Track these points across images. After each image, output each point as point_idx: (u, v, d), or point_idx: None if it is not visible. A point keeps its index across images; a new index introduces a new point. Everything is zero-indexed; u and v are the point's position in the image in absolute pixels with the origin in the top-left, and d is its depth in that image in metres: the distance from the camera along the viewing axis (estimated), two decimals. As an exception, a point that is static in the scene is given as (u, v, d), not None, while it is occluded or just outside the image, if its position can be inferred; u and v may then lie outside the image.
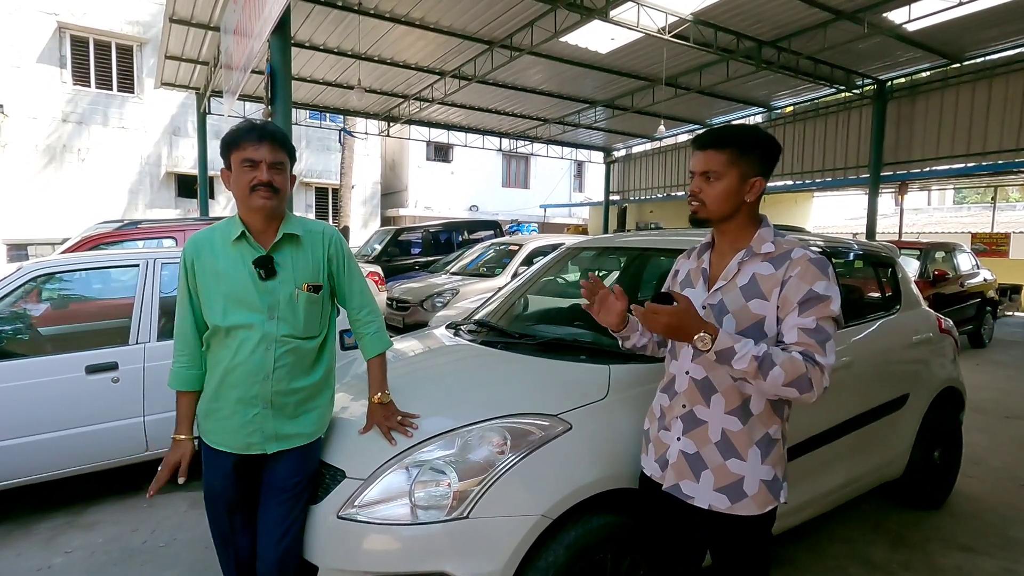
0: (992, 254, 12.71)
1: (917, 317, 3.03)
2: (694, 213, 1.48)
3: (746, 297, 1.42)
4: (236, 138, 1.59)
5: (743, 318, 1.41)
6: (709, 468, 1.44)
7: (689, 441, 1.47)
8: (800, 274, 1.37)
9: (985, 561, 2.59)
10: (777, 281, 1.39)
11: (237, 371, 1.62)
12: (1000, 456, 3.85)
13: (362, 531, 1.59)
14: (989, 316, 8.45)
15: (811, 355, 1.31)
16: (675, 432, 1.51)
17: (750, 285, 1.42)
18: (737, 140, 1.42)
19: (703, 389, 1.46)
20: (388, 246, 11.49)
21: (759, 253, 1.44)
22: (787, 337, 1.36)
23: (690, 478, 1.46)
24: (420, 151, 21.08)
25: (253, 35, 5.51)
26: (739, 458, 1.42)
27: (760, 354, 1.28)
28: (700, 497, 1.45)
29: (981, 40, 9.20)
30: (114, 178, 15.13)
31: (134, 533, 2.79)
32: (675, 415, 1.51)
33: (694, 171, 1.46)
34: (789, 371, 1.28)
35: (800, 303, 1.35)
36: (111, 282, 3.50)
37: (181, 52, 9.97)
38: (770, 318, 1.40)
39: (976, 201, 26.81)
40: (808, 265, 1.37)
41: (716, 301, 1.46)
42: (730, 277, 1.46)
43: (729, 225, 1.48)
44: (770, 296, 1.39)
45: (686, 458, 1.47)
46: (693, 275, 1.57)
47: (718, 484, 1.43)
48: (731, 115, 13.97)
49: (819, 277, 1.36)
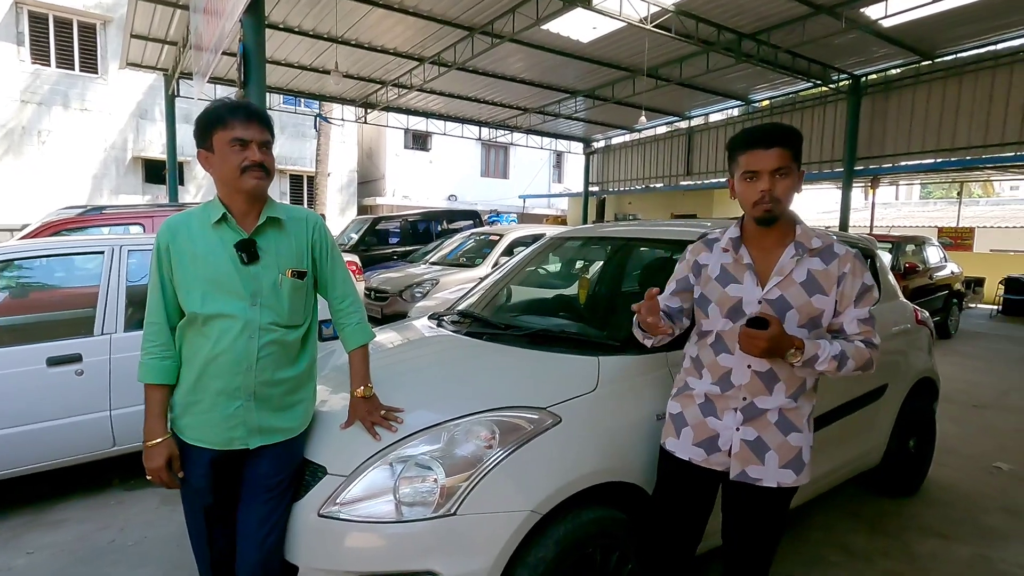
0: (958, 248, 13.09)
1: (896, 309, 3.08)
2: (768, 212, 1.49)
3: (808, 293, 1.50)
4: (221, 116, 1.49)
5: (805, 312, 1.50)
6: (772, 448, 1.53)
7: (750, 428, 1.54)
8: (852, 270, 1.51)
9: (959, 548, 2.65)
10: (833, 277, 1.50)
11: (218, 361, 1.53)
12: (970, 444, 3.96)
13: (344, 529, 1.53)
14: (956, 308, 8.71)
15: (869, 340, 1.51)
16: (732, 422, 1.55)
17: (809, 281, 1.50)
18: (793, 138, 1.49)
19: (767, 380, 1.52)
20: (366, 235, 11.29)
21: (811, 248, 1.52)
22: (848, 328, 1.52)
23: (756, 463, 1.53)
24: (398, 139, 20.76)
25: (224, 14, 5.28)
26: (797, 431, 1.54)
27: (837, 354, 1.45)
28: (768, 478, 1.53)
29: (952, 38, 9.40)
30: (77, 163, 14.54)
31: (102, 531, 2.68)
32: (733, 406, 1.55)
33: (760, 169, 1.47)
34: (859, 360, 1.47)
35: (856, 297, 1.51)
36: (74, 270, 3.33)
37: (148, 31, 9.58)
38: (828, 311, 1.51)
39: (941, 196, 27.66)
40: (856, 261, 1.52)
41: (775, 297, 1.51)
42: (786, 273, 1.51)
43: (782, 220, 1.53)
44: (829, 292, 1.50)
45: (748, 445, 1.54)
46: (734, 270, 1.57)
47: (783, 461, 1.53)
48: (710, 107, 14.09)
49: (865, 270, 1.53)
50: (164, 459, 1.55)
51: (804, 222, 1.57)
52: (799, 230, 1.54)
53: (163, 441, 1.56)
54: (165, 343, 1.58)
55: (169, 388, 1.59)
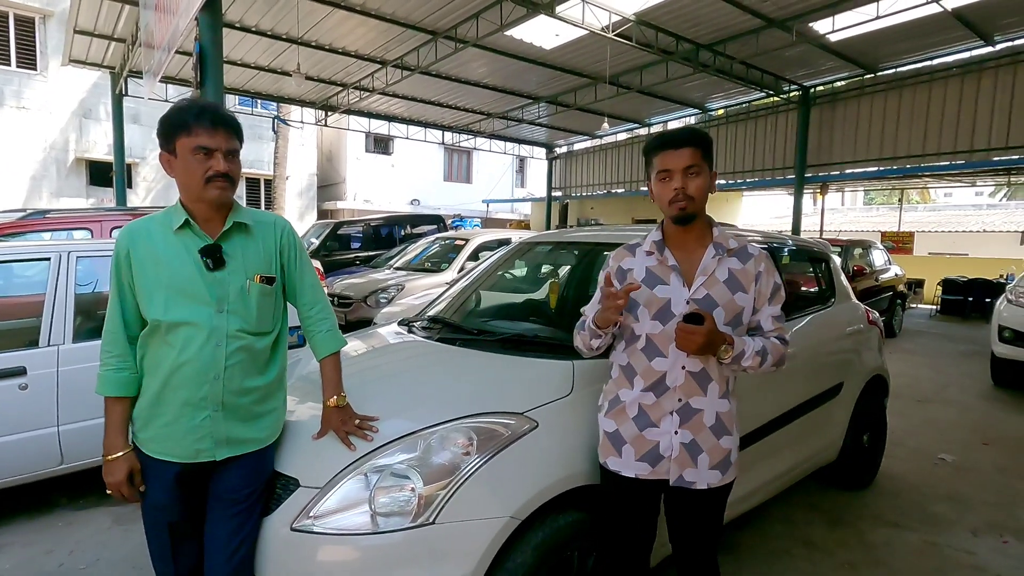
0: (899, 251, 13.83)
1: (849, 310, 3.22)
2: (684, 210, 1.51)
3: (731, 291, 1.55)
4: (185, 121, 1.43)
5: (731, 310, 1.55)
6: (704, 451, 1.56)
7: (686, 431, 1.56)
8: (767, 269, 1.60)
9: (910, 536, 2.79)
10: (751, 276, 1.57)
11: (183, 370, 1.47)
12: (916, 437, 4.18)
13: (318, 543, 1.49)
14: (900, 308, 9.19)
15: (783, 336, 1.60)
16: (669, 427, 1.56)
17: (731, 280, 1.56)
18: (703, 139, 1.55)
19: (700, 380, 1.55)
20: (327, 240, 11.03)
21: (729, 248, 1.57)
22: (764, 325, 1.60)
23: (690, 465, 1.56)
24: (359, 142, 20.43)
25: (178, 12, 5.09)
26: (728, 434, 1.58)
27: (760, 349, 1.53)
28: (700, 480, 1.56)
29: (893, 52, 9.96)
30: (13, 164, 13.68)
31: (48, 555, 2.52)
32: (668, 410, 1.56)
33: (672, 168, 1.51)
34: (776, 356, 1.56)
35: (771, 295, 1.59)
36: (15, 278, 3.13)
37: (93, 27, 9.14)
38: (747, 309, 1.58)
39: (883, 202, 29.13)
40: (768, 260, 1.61)
41: (702, 296, 1.54)
42: (710, 272, 1.56)
43: (699, 221, 1.57)
44: (749, 289, 1.57)
45: (685, 448, 1.55)
46: (660, 272, 1.58)
47: (712, 463, 1.56)
48: (669, 115, 14.46)
49: (775, 270, 1.62)
50: (124, 473, 1.49)
51: (718, 224, 1.63)
52: (716, 231, 1.59)
53: (124, 455, 1.50)
54: (122, 354, 1.51)
55: (130, 401, 1.53)
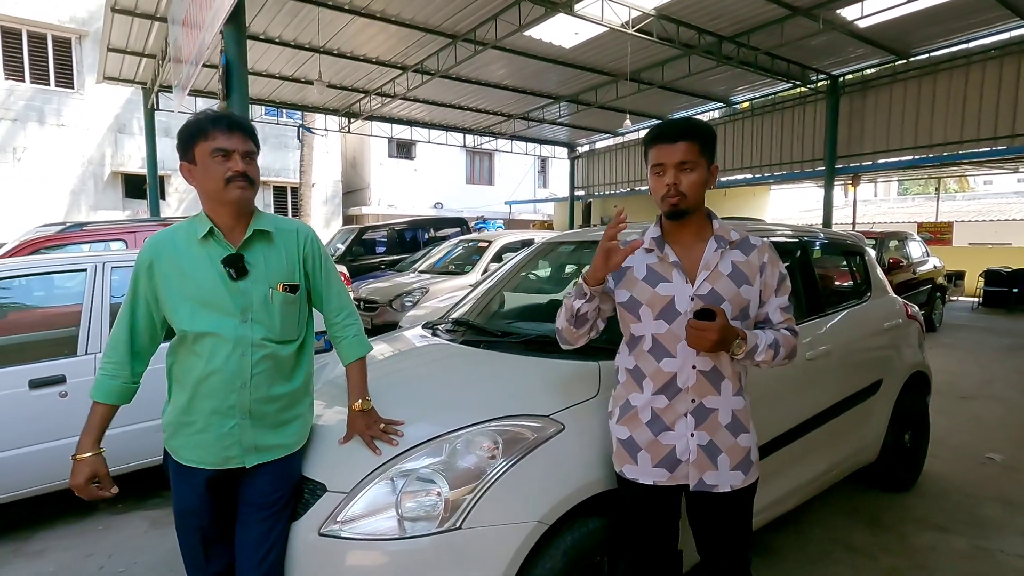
0: (937, 242, 13.34)
1: (886, 304, 3.11)
2: (676, 206, 1.47)
3: (736, 284, 1.50)
4: (203, 127, 1.46)
5: (737, 303, 1.50)
6: (723, 451, 1.50)
7: (703, 433, 1.50)
8: (771, 260, 1.55)
9: (956, 540, 2.66)
10: (755, 267, 1.53)
11: (211, 380, 1.49)
12: (959, 435, 4.00)
13: (346, 548, 1.49)
14: (939, 301, 8.85)
15: (792, 327, 1.56)
16: (685, 429, 1.50)
17: (735, 272, 1.51)
18: (701, 131, 1.49)
19: (713, 378, 1.50)
20: (352, 245, 11.20)
21: (731, 240, 1.53)
22: (773, 317, 1.55)
23: (710, 468, 1.50)
24: (382, 148, 20.66)
25: (204, 26, 5.22)
26: (745, 431, 1.53)
27: (772, 342, 1.47)
28: (722, 483, 1.50)
29: (926, 37, 9.59)
30: (54, 179, 14.25)
31: (88, 559, 2.59)
32: (682, 412, 1.50)
33: (665, 163, 1.46)
34: (787, 347, 1.51)
35: (777, 285, 1.55)
36: (56, 289, 3.24)
37: (125, 44, 9.43)
38: (754, 301, 1.53)
39: (918, 192, 28.17)
40: (772, 250, 1.57)
41: (706, 291, 1.49)
42: (713, 266, 1.50)
43: (696, 215, 1.52)
44: (754, 282, 1.52)
45: (703, 450, 1.50)
46: (661, 269, 1.53)
47: (733, 463, 1.51)
48: (692, 110, 14.19)
49: (780, 260, 1.58)
50: (86, 477, 1.51)
51: (718, 216, 1.57)
52: (716, 224, 1.54)
53: (89, 457, 1.52)
54: (120, 361, 1.54)
55: (112, 409, 1.56)
